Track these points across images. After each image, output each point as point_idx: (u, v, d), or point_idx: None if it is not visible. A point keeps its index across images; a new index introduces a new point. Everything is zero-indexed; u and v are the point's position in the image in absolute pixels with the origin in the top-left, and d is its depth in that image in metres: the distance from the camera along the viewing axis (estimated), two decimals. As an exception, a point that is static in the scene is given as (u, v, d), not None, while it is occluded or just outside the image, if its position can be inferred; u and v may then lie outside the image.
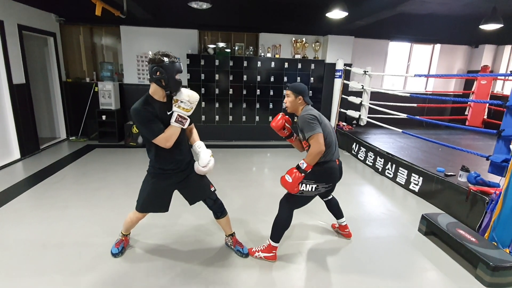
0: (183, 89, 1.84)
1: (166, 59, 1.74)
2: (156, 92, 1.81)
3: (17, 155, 4.30)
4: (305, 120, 1.96)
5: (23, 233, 2.45)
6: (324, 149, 1.92)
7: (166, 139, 1.79)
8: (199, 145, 2.02)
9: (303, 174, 1.93)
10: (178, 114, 1.79)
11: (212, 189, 2.11)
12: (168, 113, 1.84)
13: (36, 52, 5.10)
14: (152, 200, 2.01)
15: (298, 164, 1.95)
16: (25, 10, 4.48)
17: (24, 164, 4.20)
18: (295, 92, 2.08)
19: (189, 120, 1.85)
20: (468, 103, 6.37)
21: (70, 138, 5.67)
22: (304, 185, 2.00)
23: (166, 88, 1.78)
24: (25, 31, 4.45)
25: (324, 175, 2.04)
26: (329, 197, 2.47)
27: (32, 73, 4.79)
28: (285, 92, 2.09)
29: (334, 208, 2.48)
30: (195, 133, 2.10)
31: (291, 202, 2.10)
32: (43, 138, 5.20)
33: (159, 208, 2.06)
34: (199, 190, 2.08)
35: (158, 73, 1.73)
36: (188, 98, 1.79)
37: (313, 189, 2.02)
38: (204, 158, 1.96)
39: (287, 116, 2.28)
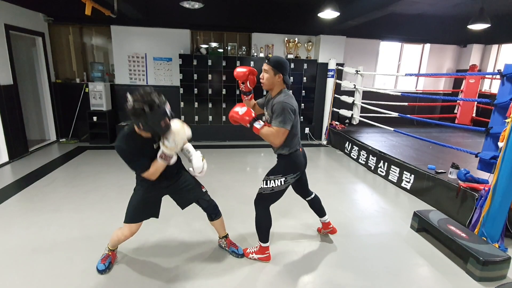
0: (172, 125, 1.72)
1: (146, 108, 1.54)
2: (141, 132, 1.71)
3: (5, 158, 4.20)
4: (284, 109, 1.81)
5: (12, 238, 2.39)
6: (278, 145, 1.89)
7: (152, 174, 1.77)
8: (187, 150, 1.97)
9: (251, 123, 1.87)
10: (163, 152, 1.73)
11: (204, 190, 2.09)
12: (155, 147, 1.78)
13: (24, 52, 4.99)
14: (142, 209, 1.95)
15: (256, 120, 1.88)
16: (13, 10, 4.38)
17: (13, 167, 4.11)
18: (274, 67, 1.87)
19: (174, 157, 1.79)
20: (457, 101, 6.50)
21: (60, 140, 5.57)
22: (272, 181, 1.99)
23: (153, 134, 1.74)
24: (12, 31, 4.35)
25: (290, 166, 2.01)
26: (312, 196, 2.41)
27: (20, 74, 4.69)
28: (263, 66, 1.92)
29: (316, 206, 2.43)
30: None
31: (264, 199, 2.06)
32: (32, 141, 5.09)
33: (149, 215, 2.00)
34: (190, 192, 2.04)
35: (140, 125, 1.63)
36: (173, 137, 1.70)
37: (282, 183, 2.00)
38: (197, 164, 1.93)
39: (255, 71, 2.07)
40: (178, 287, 1.91)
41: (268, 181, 2.01)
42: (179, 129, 1.73)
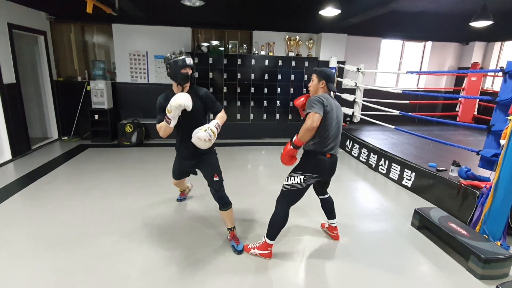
0: (179, 93, 2.00)
1: (172, 56, 2.04)
2: (173, 85, 2.13)
3: (8, 156, 4.23)
4: (311, 100, 1.96)
5: (16, 235, 2.41)
6: (315, 126, 1.87)
7: (159, 129, 2.09)
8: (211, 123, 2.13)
9: (293, 148, 1.97)
10: (166, 113, 1.99)
11: (216, 178, 2.23)
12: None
13: (26, 51, 5.00)
14: (176, 170, 2.52)
15: (291, 138, 2.01)
16: (15, 9, 4.39)
17: (16, 165, 4.13)
18: (319, 75, 2.08)
19: (172, 120, 1.99)
20: (459, 99, 6.47)
21: (62, 138, 5.60)
22: (292, 178, 2.04)
23: (176, 80, 2.08)
24: (15, 29, 4.36)
25: (310, 165, 2.04)
26: (326, 196, 2.43)
27: (22, 72, 4.71)
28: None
29: (328, 208, 2.43)
30: (218, 116, 2.21)
31: (285, 196, 2.10)
32: (35, 139, 5.12)
33: (183, 176, 2.58)
34: (206, 169, 2.29)
35: (167, 70, 2.07)
36: (171, 101, 1.93)
37: (302, 180, 2.03)
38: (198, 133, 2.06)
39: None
40: (176, 281, 1.92)
41: (289, 178, 2.07)
42: (177, 96, 1.95)
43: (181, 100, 1.92)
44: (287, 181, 2.08)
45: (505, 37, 6.21)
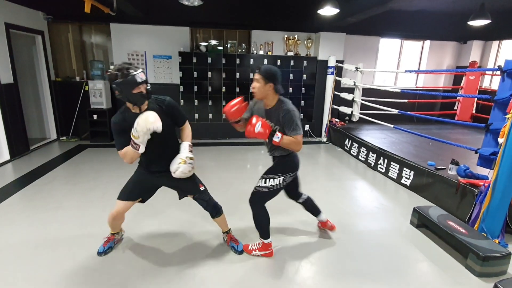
0: (142, 114, 1.70)
1: (118, 74, 1.66)
2: (128, 104, 1.81)
3: (6, 156, 4.21)
4: (297, 117, 1.90)
5: (15, 235, 2.41)
6: (299, 150, 1.92)
7: (123, 156, 1.82)
8: (181, 148, 1.93)
9: (270, 138, 1.86)
10: (132, 138, 1.73)
11: (202, 188, 2.09)
12: None
13: (24, 51, 4.98)
14: (131, 188, 2.04)
15: (275, 130, 1.85)
16: (12, 8, 4.37)
17: (14, 165, 4.12)
18: (265, 77, 1.86)
19: (141, 145, 1.74)
20: (457, 98, 6.50)
21: (61, 138, 5.58)
22: (271, 180, 2.02)
23: (130, 103, 1.78)
24: (12, 29, 4.35)
25: (290, 166, 2.07)
26: (304, 197, 2.41)
27: (20, 72, 4.69)
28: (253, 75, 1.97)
29: (310, 207, 2.44)
30: (185, 134, 2.03)
31: (261, 197, 2.07)
32: (33, 139, 5.10)
33: (137, 197, 2.06)
34: (185, 185, 2.05)
35: (116, 92, 1.72)
36: (136, 125, 1.67)
37: (281, 181, 2.04)
38: (172, 165, 1.89)
39: (244, 103, 2.08)
40: (176, 282, 1.92)
41: (267, 180, 2.03)
42: (143, 118, 1.68)
43: (149, 124, 1.65)
44: (265, 182, 2.02)
45: (502, 36, 6.23)
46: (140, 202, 2.12)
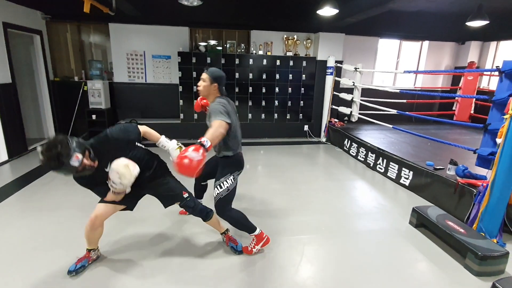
0: (114, 165, 1.65)
1: (52, 163, 1.49)
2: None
3: (4, 156, 4.19)
4: (215, 109, 1.92)
5: (13, 236, 2.40)
6: (224, 133, 1.86)
7: (111, 200, 1.85)
8: (163, 144, 2.00)
9: (203, 151, 1.62)
10: (113, 189, 1.76)
11: (186, 195, 2.03)
12: (107, 169, 1.73)
13: (22, 50, 4.96)
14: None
15: (201, 142, 1.63)
16: (10, 8, 4.35)
17: (12, 165, 4.10)
18: (211, 77, 2.00)
19: (128, 189, 1.77)
20: (456, 98, 6.52)
21: (59, 139, 5.55)
22: (224, 182, 2.05)
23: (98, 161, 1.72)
24: (10, 29, 4.32)
25: (235, 164, 2.12)
26: (205, 184, 2.58)
27: (18, 72, 4.66)
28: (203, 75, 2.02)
29: (199, 192, 2.62)
30: (153, 134, 2.01)
31: (225, 201, 2.09)
32: (31, 139, 5.07)
33: (120, 202, 1.96)
34: (168, 194, 2.03)
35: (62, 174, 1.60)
36: (119, 179, 1.63)
37: (233, 180, 2.08)
38: (174, 154, 1.97)
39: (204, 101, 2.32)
40: (178, 282, 1.92)
41: (222, 184, 2.06)
42: (124, 172, 1.65)
43: (133, 174, 1.67)
44: (221, 187, 2.04)
45: (500, 37, 6.26)
46: (127, 210, 2.05)
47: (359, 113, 5.41)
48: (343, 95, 5.59)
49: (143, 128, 1.96)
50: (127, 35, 5.54)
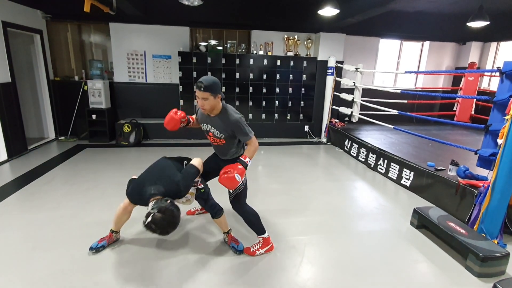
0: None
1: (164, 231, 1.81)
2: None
3: (4, 156, 4.19)
4: (240, 124, 1.97)
5: (13, 236, 2.39)
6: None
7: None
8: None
9: (246, 168, 1.99)
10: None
11: (200, 186, 2.15)
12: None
13: (22, 50, 4.95)
14: (131, 190, 2.08)
15: (242, 160, 1.97)
16: (10, 7, 4.34)
17: (12, 165, 4.09)
18: (213, 93, 1.88)
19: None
20: (456, 99, 6.52)
21: (59, 138, 5.55)
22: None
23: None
24: (10, 28, 4.32)
25: None
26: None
27: (18, 71, 4.66)
28: (196, 91, 1.88)
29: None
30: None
31: (240, 198, 2.14)
32: (31, 139, 5.07)
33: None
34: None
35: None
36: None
37: (245, 176, 2.09)
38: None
39: (181, 115, 2.18)
40: (178, 282, 1.92)
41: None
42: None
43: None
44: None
45: (501, 38, 6.26)
46: None
47: (360, 114, 5.40)
48: (343, 96, 5.58)
49: (197, 164, 2.13)
50: (127, 35, 5.53)
